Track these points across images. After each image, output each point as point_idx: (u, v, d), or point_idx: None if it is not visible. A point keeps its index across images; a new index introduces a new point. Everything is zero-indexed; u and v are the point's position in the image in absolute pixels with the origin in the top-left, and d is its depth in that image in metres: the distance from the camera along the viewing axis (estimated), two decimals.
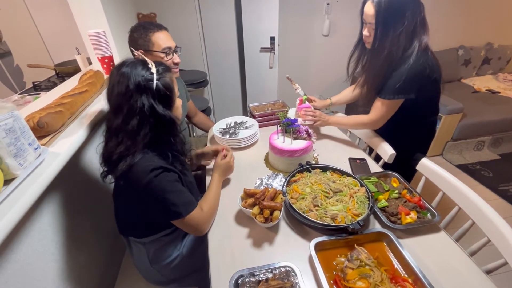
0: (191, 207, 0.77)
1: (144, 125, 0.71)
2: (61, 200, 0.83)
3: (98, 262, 1.04)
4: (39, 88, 1.78)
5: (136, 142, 0.70)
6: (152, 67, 0.74)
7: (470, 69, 3.05)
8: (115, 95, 0.71)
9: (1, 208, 0.52)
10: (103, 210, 1.12)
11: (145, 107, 0.70)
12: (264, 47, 2.37)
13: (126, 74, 0.70)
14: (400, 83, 1.00)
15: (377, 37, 1.00)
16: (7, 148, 0.53)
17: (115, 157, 0.70)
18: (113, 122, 0.72)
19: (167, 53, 1.12)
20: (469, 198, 0.84)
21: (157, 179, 0.70)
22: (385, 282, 0.64)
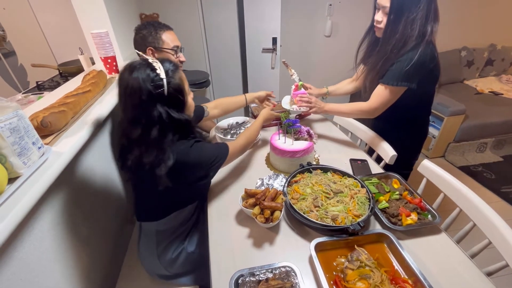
0: (226, 147, 0.90)
1: (166, 132, 0.73)
2: (63, 199, 0.84)
3: (100, 260, 1.05)
4: (43, 87, 1.80)
5: (164, 149, 0.72)
6: (160, 72, 0.71)
7: (473, 71, 3.04)
8: (130, 107, 0.72)
9: (6, 206, 0.53)
10: (105, 209, 1.12)
11: (163, 115, 0.71)
12: (266, 47, 2.37)
13: (135, 84, 0.69)
14: (406, 69, 0.97)
15: (390, 21, 0.97)
16: (11, 146, 0.54)
17: (147, 167, 0.72)
18: (133, 133, 0.72)
19: (176, 51, 1.16)
20: (470, 200, 0.84)
21: (197, 146, 0.79)
22: (385, 283, 0.65)
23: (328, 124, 1.50)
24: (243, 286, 0.67)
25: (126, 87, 0.70)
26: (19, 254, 0.64)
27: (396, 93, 1.05)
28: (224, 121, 1.43)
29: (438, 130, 2.40)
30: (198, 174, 0.83)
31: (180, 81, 0.76)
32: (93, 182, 1.03)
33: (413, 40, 0.96)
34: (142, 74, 0.69)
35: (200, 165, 0.81)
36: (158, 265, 0.94)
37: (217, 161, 0.85)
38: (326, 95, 1.41)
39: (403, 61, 0.98)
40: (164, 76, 0.71)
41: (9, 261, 0.61)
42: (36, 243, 0.70)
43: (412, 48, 0.97)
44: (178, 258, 0.95)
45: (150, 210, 0.91)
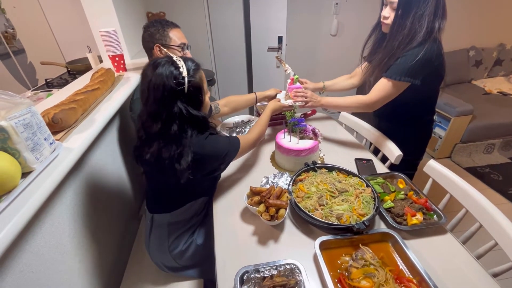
0: (238, 140, 0.92)
1: (185, 127, 0.75)
2: (72, 193, 0.86)
3: (107, 254, 1.07)
4: (51, 85, 1.83)
5: (184, 144, 0.74)
6: (183, 70, 0.73)
7: (481, 71, 3.00)
8: (152, 101, 0.73)
9: (19, 199, 0.54)
10: (112, 204, 1.14)
11: (183, 111, 0.73)
12: (272, 46, 2.38)
13: (159, 80, 0.71)
14: (411, 64, 0.96)
15: (398, 16, 0.97)
16: (24, 142, 0.56)
17: (166, 162, 0.75)
18: (153, 127, 0.74)
19: (183, 49, 1.17)
20: (476, 201, 0.83)
21: (210, 138, 0.81)
22: (389, 282, 0.65)
23: (334, 124, 1.50)
24: (248, 282, 0.68)
25: (149, 82, 0.72)
26: (30, 247, 0.66)
27: (399, 88, 1.04)
28: (230, 119, 1.44)
29: (444, 131, 2.37)
30: (212, 166, 0.86)
31: (200, 81, 0.79)
32: (101, 178, 1.05)
33: (420, 37, 0.95)
34: (166, 71, 0.72)
35: (214, 157, 0.84)
36: (168, 257, 0.96)
37: (229, 154, 0.87)
38: (322, 90, 1.40)
39: (408, 57, 0.97)
40: (186, 74, 0.73)
41: (22, 254, 0.63)
42: (47, 237, 0.72)
43: (419, 44, 0.96)
44: (188, 250, 0.97)
45: (164, 202, 0.92)
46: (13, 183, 0.54)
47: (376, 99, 1.08)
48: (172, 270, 1.01)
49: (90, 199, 0.98)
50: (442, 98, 2.43)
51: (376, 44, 1.16)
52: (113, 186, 1.15)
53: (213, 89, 2.69)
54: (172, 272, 1.01)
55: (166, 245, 0.94)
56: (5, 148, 0.54)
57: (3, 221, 0.50)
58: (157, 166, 0.80)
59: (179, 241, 0.96)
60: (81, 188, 0.91)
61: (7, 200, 0.52)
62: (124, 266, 1.09)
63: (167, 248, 0.94)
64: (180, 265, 0.99)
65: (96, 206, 1.02)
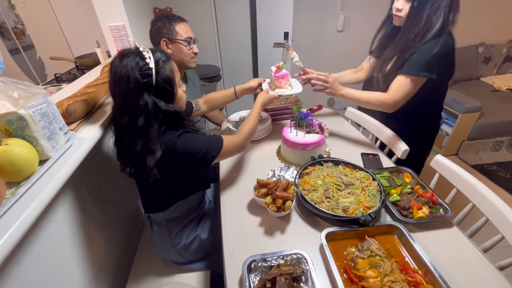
0: (220, 140, 0.85)
1: (152, 122, 0.71)
2: (84, 183, 0.88)
3: (116, 244, 1.09)
4: (61, 79, 1.86)
5: (151, 138, 0.71)
6: (150, 61, 0.71)
7: (490, 67, 2.95)
8: (118, 94, 0.72)
9: (37, 185, 0.56)
10: (122, 194, 1.17)
11: (149, 105, 0.70)
12: (278, 42, 2.36)
13: (125, 72, 0.68)
14: (428, 58, 0.95)
15: (414, 7, 0.95)
16: (41, 130, 0.58)
17: (135, 156, 0.73)
18: (120, 120, 0.73)
19: (189, 43, 1.18)
20: (483, 195, 0.83)
21: (186, 138, 0.77)
22: (395, 272, 0.65)
23: (340, 119, 1.50)
24: (256, 271, 0.69)
25: (115, 74, 0.70)
26: (45, 233, 0.68)
27: (417, 84, 1.01)
28: (236, 114, 1.45)
29: (451, 128, 2.35)
30: (188, 165, 0.81)
31: (170, 73, 0.76)
32: (111, 169, 1.07)
33: (436, 30, 0.94)
34: (131, 62, 0.69)
35: (188, 156, 0.78)
36: (173, 252, 0.97)
37: (208, 153, 0.81)
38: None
39: (425, 50, 0.95)
40: (153, 65, 0.71)
41: (37, 240, 0.65)
42: (61, 224, 0.74)
43: (434, 37, 0.95)
44: (192, 245, 0.98)
45: (154, 201, 0.92)
46: (31, 170, 0.56)
47: (397, 98, 1.04)
48: (178, 265, 1.02)
49: (100, 189, 1.01)
50: (450, 94, 2.40)
51: (386, 38, 1.15)
52: (121, 178, 1.17)
53: (218, 85, 2.70)
54: (179, 266, 1.02)
55: (169, 240, 0.95)
56: (23, 136, 0.56)
57: (23, 205, 0.52)
58: (133, 164, 0.79)
59: (182, 235, 0.96)
60: (92, 178, 0.94)
61: (26, 186, 0.54)
62: (132, 256, 1.12)
63: (170, 243, 0.95)
64: (186, 259, 1.00)
65: (106, 197, 1.04)
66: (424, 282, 0.63)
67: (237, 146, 0.92)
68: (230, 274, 0.70)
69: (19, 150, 0.53)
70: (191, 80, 1.44)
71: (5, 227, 0.48)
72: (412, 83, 1.01)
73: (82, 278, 0.84)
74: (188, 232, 0.98)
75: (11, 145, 0.52)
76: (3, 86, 0.54)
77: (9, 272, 0.56)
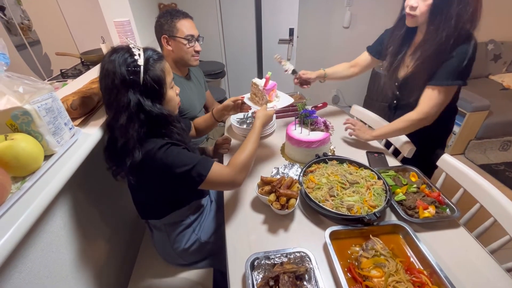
0: (208, 164, 0.74)
1: (133, 121, 0.68)
2: (88, 179, 0.89)
3: (120, 238, 1.10)
4: (66, 75, 1.87)
5: (129, 139, 0.67)
6: (139, 58, 0.68)
7: (499, 65, 2.89)
8: (103, 89, 0.70)
9: (43, 180, 0.57)
10: (125, 191, 1.17)
11: (132, 103, 0.67)
12: (283, 38, 2.35)
13: (111, 68, 0.67)
14: (464, 65, 0.87)
15: (436, 9, 0.84)
16: (47, 125, 0.58)
17: (116, 155, 0.71)
18: (108, 117, 0.72)
19: (190, 41, 1.16)
20: (491, 195, 0.81)
21: (167, 152, 0.69)
22: (400, 272, 0.65)
23: (345, 117, 1.48)
24: (259, 268, 0.69)
25: (103, 68, 0.69)
26: (50, 228, 0.69)
27: (450, 92, 0.94)
28: None
29: (459, 127, 2.31)
30: (170, 180, 0.73)
31: (160, 72, 0.72)
32: None
33: (466, 30, 0.85)
34: (120, 58, 0.67)
35: (166, 170, 0.70)
36: (174, 255, 0.97)
37: (194, 171, 0.71)
38: (324, 78, 1.31)
39: (459, 56, 0.87)
40: (142, 63, 0.68)
41: (42, 234, 0.66)
42: (65, 218, 0.75)
43: (466, 39, 0.86)
44: (192, 248, 0.96)
45: (149, 209, 0.90)
46: (37, 165, 0.57)
47: (433, 111, 0.97)
48: (181, 266, 1.02)
49: (104, 185, 1.01)
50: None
51: (399, 41, 1.05)
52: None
53: (222, 82, 2.69)
54: (182, 267, 1.02)
55: (169, 244, 0.94)
56: (28, 131, 0.56)
57: (28, 200, 0.53)
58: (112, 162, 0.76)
59: (181, 239, 0.94)
60: (96, 175, 0.94)
61: (31, 180, 0.54)
62: (135, 255, 1.12)
63: (170, 247, 0.94)
64: (187, 261, 1.00)
65: (110, 193, 1.05)
66: (429, 283, 0.62)
67: (225, 179, 0.76)
68: (233, 271, 0.70)
69: (24, 145, 0.53)
70: (195, 77, 1.44)
71: (11, 221, 0.48)
72: (446, 93, 0.93)
73: (87, 271, 0.85)
74: (188, 236, 0.96)
75: (16, 140, 0.53)
76: (9, 81, 0.54)
77: (15, 266, 0.56)
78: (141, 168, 0.69)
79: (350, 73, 1.33)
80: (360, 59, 1.31)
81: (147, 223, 0.96)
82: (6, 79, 0.54)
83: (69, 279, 0.76)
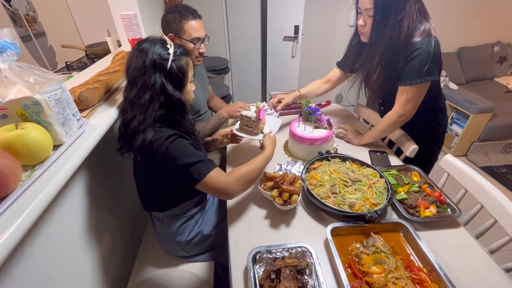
0: (211, 166, 0.75)
1: (154, 101, 0.74)
2: (94, 170, 0.90)
3: (123, 233, 1.12)
4: (71, 68, 1.88)
5: (147, 117, 0.73)
6: (170, 48, 0.77)
7: (505, 68, 2.87)
8: (132, 69, 0.75)
9: (52, 169, 0.58)
10: (130, 183, 1.18)
11: (157, 84, 0.74)
12: (288, 36, 2.34)
13: (144, 50, 0.74)
14: (428, 64, 0.93)
15: (376, 23, 0.94)
16: (56, 116, 0.59)
17: (129, 131, 0.73)
18: (128, 94, 0.76)
19: (195, 44, 1.14)
20: (493, 196, 0.82)
21: (174, 143, 0.72)
22: (399, 269, 0.66)
23: (348, 115, 1.48)
24: (260, 262, 0.70)
25: (135, 50, 0.76)
26: (57, 217, 0.70)
27: (423, 89, 0.99)
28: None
29: (462, 128, 2.31)
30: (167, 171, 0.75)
31: (185, 65, 0.80)
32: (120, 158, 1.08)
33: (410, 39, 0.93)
34: (155, 46, 0.75)
35: (169, 160, 0.72)
36: (176, 247, 0.98)
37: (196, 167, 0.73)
38: (299, 99, 1.29)
39: (422, 55, 0.92)
40: (171, 52, 0.76)
41: (49, 223, 0.67)
42: (72, 209, 0.76)
43: (425, 37, 0.92)
44: (194, 240, 0.98)
45: (152, 202, 0.92)
46: (46, 154, 0.58)
47: (408, 111, 1.03)
48: (183, 258, 1.03)
49: (109, 176, 1.02)
50: (462, 94, 2.35)
51: (355, 53, 1.14)
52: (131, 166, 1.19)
53: (226, 78, 2.69)
54: (183, 259, 1.03)
55: (171, 236, 0.95)
56: (38, 121, 0.57)
57: (38, 188, 0.54)
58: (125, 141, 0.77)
59: (184, 231, 0.96)
60: (101, 165, 0.96)
61: (40, 169, 0.55)
62: (137, 246, 1.14)
63: (173, 239, 0.96)
64: (189, 253, 1.01)
65: (114, 184, 1.06)
66: (428, 281, 0.63)
67: (221, 185, 0.75)
68: (235, 265, 0.71)
69: (34, 134, 0.54)
70: (199, 72, 1.44)
71: (21, 208, 0.49)
72: (417, 91, 0.99)
73: (91, 261, 0.86)
74: (190, 228, 0.97)
75: (26, 129, 0.54)
76: (20, 71, 0.55)
77: (23, 253, 0.58)
78: (147, 152, 0.72)
79: (324, 89, 1.34)
80: (332, 75, 1.33)
81: (149, 214, 0.97)
82: (17, 69, 0.54)
83: (75, 267, 0.77)
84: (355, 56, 1.16)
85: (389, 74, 1.03)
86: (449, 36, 2.65)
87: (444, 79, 2.49)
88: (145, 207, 0.94)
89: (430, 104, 1.08)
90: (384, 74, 1.05)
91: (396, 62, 0.99)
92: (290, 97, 1.26)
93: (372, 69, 1.08)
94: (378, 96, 1.20)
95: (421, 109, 1.04)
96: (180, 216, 0.95)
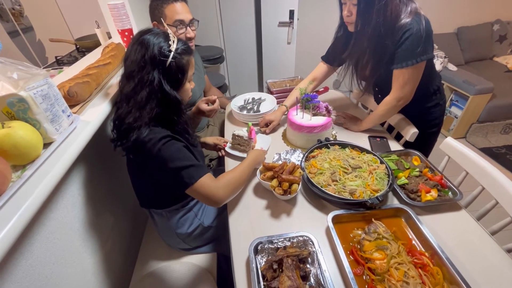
0: (202, 172, 0.74)
1: (152, 99, 0.72)
2: (89, 166, 0.88)
3: (124, 228, 1.12)
4: (62, 62, 1.83)
5: (143, 115, 0.71)
6: (172, 44, 0.74)
7: (505, 47, 2.82)
8: (130, 61, 0.73)
9: (43, 168, 0.56)
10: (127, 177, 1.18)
11: (155, 81, 0.72)
12: (283, 21, 2.28)
13: (145, 44, 0.71)
14: (422, 43, 0.91)
15: (361, 10, 0.92)
16: (44, 113, 0.56)
17: (124, 127, 0.71)
18: (125, 86, 0.74)
19: (178, 27, 1.09)
20: (494, 177, 0.81)
21: (166, 146, 0.71)
22: (401, 254, 0.66)
23: (347, 101, 1.46)
24: (262, 252, 0.70)
25: (135, 42, 0.73)
26: (54, 215, 0.69)
27: (419, 69, 0.97)
28: (241, 97, 1.42)
29: (461, 110, 2.29)
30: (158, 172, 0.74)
31: (186, 63, 0.77)
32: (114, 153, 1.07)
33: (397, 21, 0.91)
34: (157, 39, 0.73)
35: (161, 162, 0.71)
36: (177, 240, 0.98)
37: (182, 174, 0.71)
38: (287, 110, 1.24)
39: (414, 35, 0.90)
40: (173, 49, 0.73)
41: (46, 222, 0.66)
42: (69, 207, 0.75)
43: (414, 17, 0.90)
44: (195, 232, 0.97)
45: (148, 200, 0.92)
46: (36, 153, 0.56)
47: (406, 93, 1.01)
48: (185, 250, 1.03)
49: (106, 172, 1.01)
50: (461, 75, 2.32)
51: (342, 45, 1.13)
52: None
53: (221, 67, 2.64)
54: (185, 251, 1.04)
55: (171, 229, 0.95)
56: (26, 119, 0.55)
57: (29, 188, 0.52)
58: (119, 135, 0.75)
59: (184, 224, 0.95)
60: (97, 161, 0.94)
61: (31, 169, 0.54)
62: (140, 239, 1.14)
63: (173, 232, 0.95)
64: (191, 246, 1.01)
65: (112, 179, 1.05)
66: (430, 264, 0.63)
67: (209, 192, 0.74)
68: (237, 256, 0.71)
69: (22, 133, 0.52)
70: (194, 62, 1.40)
71: (13, 210, 0.48)
72: (413, 72, 0.96)
73: (93, 258, 0.86)
74: (190, 220, 0.96)
75: (14, 128, 0.51)
76: (2, 67, 0.52)
77: (22, 253, 0.57)
78: (140, 150, 0.71)
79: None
80: (317, 72, 1.29)
81: (147, 210, 0.96)
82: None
83: (76, 264, 0.77)
84: (342, 47, 1.14)
85: (378, 60, 1.01)
86: (447, 16, 2.59)
87: (443, 61, 2.45)
88: (142, 203, 0.94)
89: (425, 84, 1.06)
90: (373, 60, 1.03)
91: (385, 47, 0.96)
92: (277, 116, 1.22)
93: (361, 57, 1.06)
94: (370, 84, 1.18)
95: (417, 91, 1.02)
96: (179, 210, 0.94)
